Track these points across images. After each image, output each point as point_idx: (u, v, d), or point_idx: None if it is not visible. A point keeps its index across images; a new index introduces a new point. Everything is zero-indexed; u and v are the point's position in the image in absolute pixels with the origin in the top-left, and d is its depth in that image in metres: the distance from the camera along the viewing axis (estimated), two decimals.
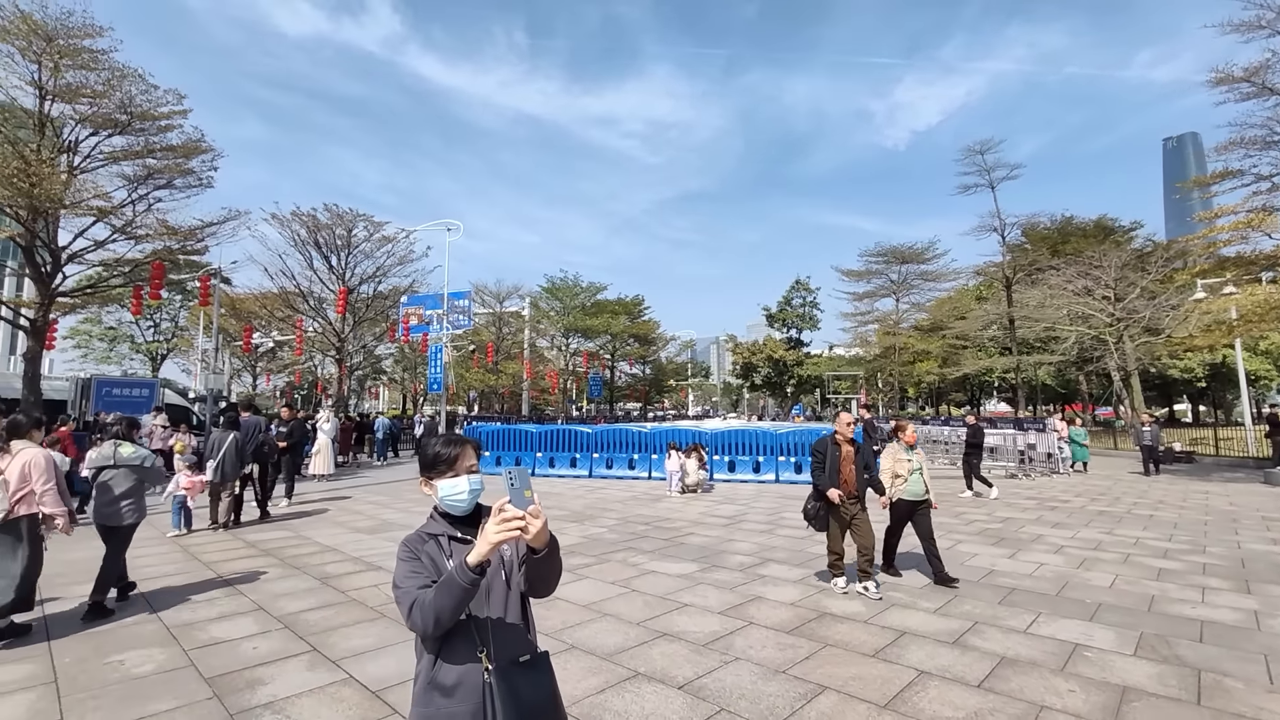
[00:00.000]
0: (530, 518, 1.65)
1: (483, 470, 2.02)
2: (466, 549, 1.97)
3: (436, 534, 1.95)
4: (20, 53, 14.06)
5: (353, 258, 22.98)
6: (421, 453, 2.06)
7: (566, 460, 16.57)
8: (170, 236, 15.43)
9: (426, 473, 2.01)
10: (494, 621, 1.88)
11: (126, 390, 15.47)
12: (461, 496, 1.98)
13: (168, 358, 38.75)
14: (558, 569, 1.85)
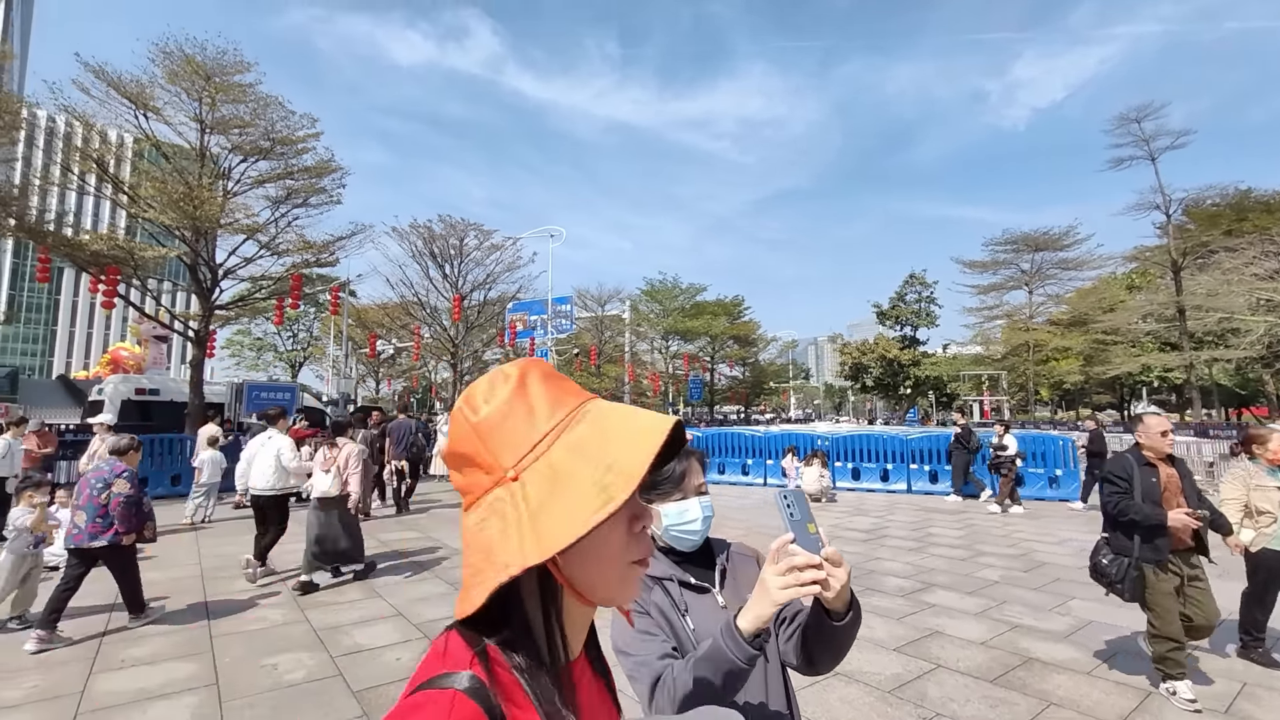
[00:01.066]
0: (831, 566, 1.08)
1: None
2: (706, 602, 1.45)
3: (661, 577, 1.45)
4: (186, 92, 15.65)
5: (465, 266, 23.96)
6: None
7: None
8: (307, 250, 16.65)
9: (644, 494, 1.52)
10: (753, 709, 1.34)
11: (271, 394, 16.81)
12: (694, 526, 1.47)
13: (304, 364, 42.62)
14: (853, 637, 1.28)
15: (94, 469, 5.16)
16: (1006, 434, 11.50)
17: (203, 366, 16.17)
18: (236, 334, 39.95)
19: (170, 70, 15.26)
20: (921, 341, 49.42)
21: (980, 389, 43.84)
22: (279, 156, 17.10)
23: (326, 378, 36.80)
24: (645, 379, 37.04)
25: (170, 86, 15.48)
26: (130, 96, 14.62)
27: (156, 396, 16.75)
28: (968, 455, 12.20)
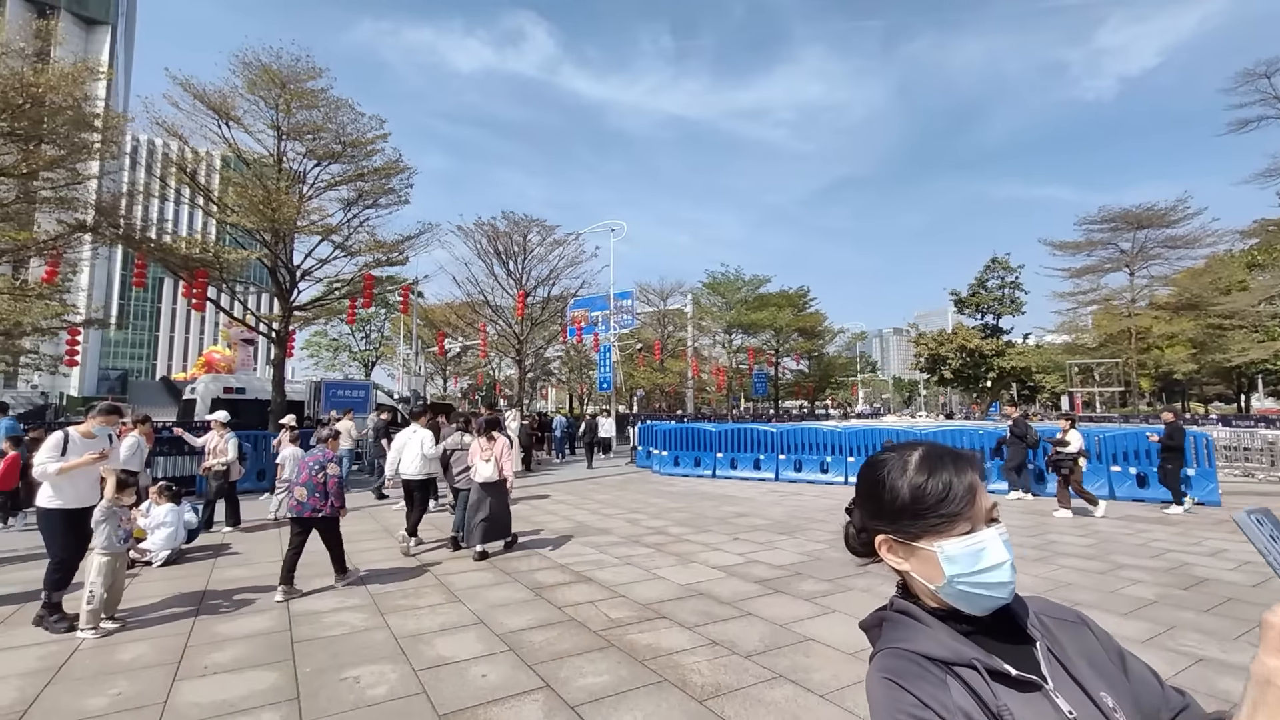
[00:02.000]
0: None
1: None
2: (1037, 706, 0.88)
3: (952, 662, 0.89)
4: (263, 100, 16.13)
5: (528, 262, 24.00)
6: (883, 491, 1.00)
7: (749, 461, 15.38)
8: (378, 249, 16.96)
9: (904, 525, 0.97)
10: None
11: (347, 391, 17.24)
12: (999, 576, 0.92)
13: (376, 364, 44.27)
14: None
15: (310, 454, 6.20)
16: (1071, 430, 10.26)
17: (283, 366, 16.71)
18: (314, 335, 41.92)
19: (249, 80, 15.75)
20: (1005, 330, 46.15)
21: (1072, 380, 40.49)
22: (350, 159, 17.43)
23: (397, 376, 38.00)
24: (709, 373, 36.24)
25: (249, 96, 15.99)
26: (214, 107, 15.18)
27: (243, 395, 17.47)
28: (1024, 450, 11.70)
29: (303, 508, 5.95)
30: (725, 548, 7.83)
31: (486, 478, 7.40)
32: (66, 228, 13.35)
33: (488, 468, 7.40)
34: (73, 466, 5.07)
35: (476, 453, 7.54)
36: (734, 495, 12.68)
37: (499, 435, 7.70)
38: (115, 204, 14.36)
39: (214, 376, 18.78)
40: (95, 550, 4.95)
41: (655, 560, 7.20)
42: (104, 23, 60.57)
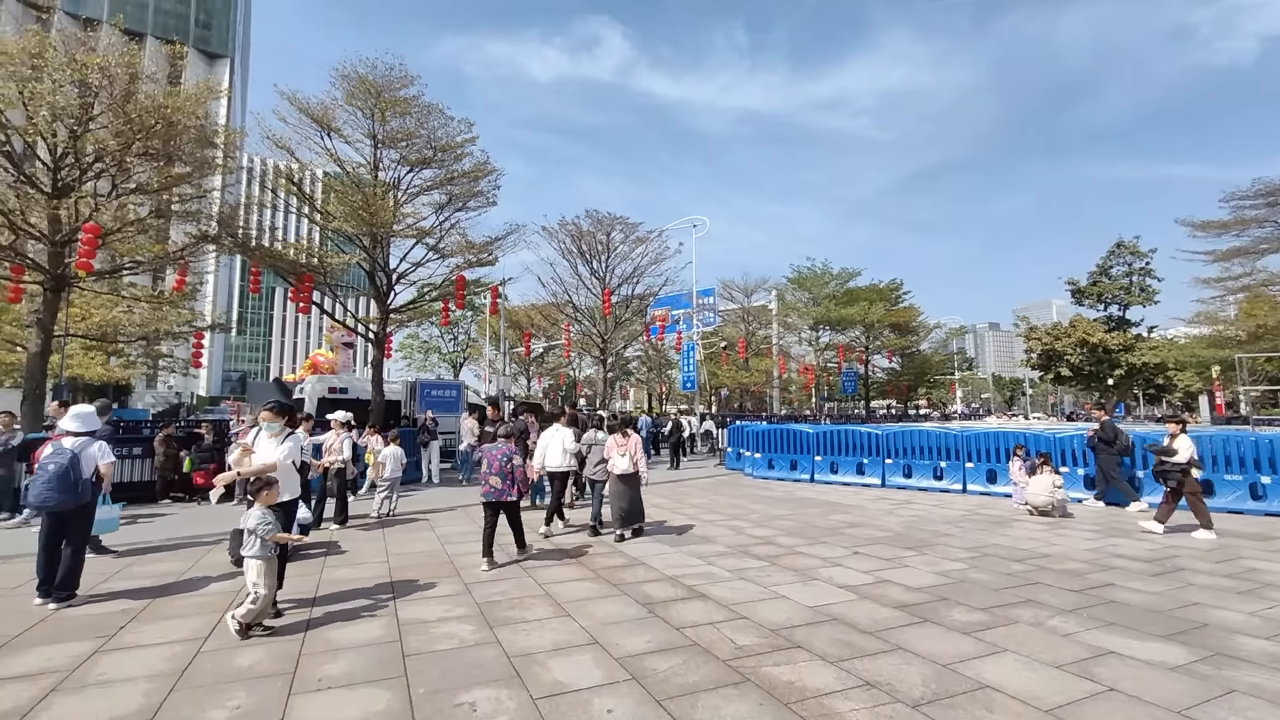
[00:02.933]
0: None
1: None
2: None
3: None
4: (361, 110, 16.74)
5: (611, 260, 23.84)
6: None
7: (851, 465, 14.34)
8: (469, 250, 17.26)
9: None
10: None
11: (440, 391, 17.65)
12: None
13: (464, 365, 45.89)
14: None
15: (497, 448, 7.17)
16: (1181, 435, 8.59)
17: (382, 366, 17.30)
18: (407, 338, 43.97)
19: (348, 91, 16.39)
20: (1133, 323, 41.27)
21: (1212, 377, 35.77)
22: (440, 164, 17.82)
23: (484, 376, 39.13)
24: (795, 372, 34.83)
25: (348, 107, 16.64)
26: (317, 119, 15.89)
27: (345, 395, 18.25)
28: (1114, 456, 10.63)
29: (498, 493, 7.04)
30: (847, 563, 7.07)
31: (624, 470, 8.33)
32: (192, 239, 14.35)
33: (624, 461, 8.32)
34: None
35: (613, 448, 8.49)
36: (839, 502, 11.77)
37: (632, 433, 8.72)
38: (233, 215, 15.30)
39: (320, 377, 19.79)
40: (251, 555, 4.87)
41: (771, 575, 6.56)
42: (224, 56, 66.50)
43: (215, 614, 5.31)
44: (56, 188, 11.57)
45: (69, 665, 4.26)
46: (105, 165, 12.26)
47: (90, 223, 10.87)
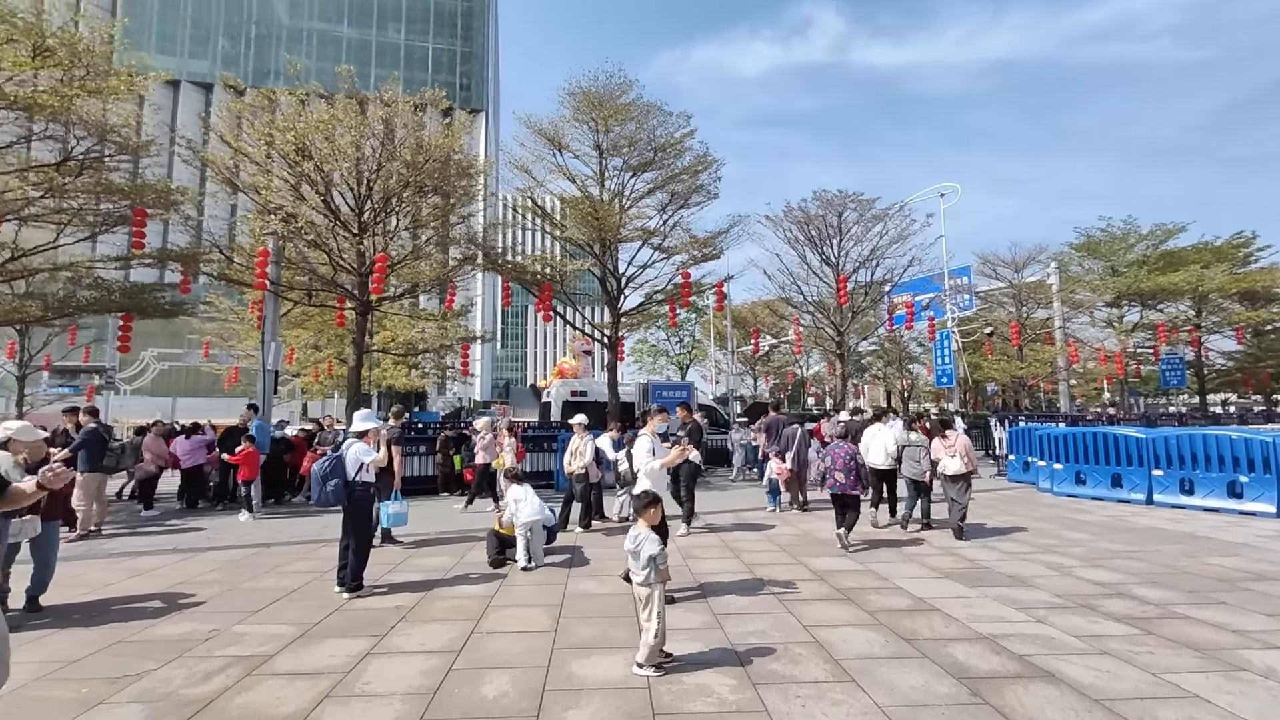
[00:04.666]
0: None
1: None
2: None
3: None
4: (586, 124, 17.38)
5: (845, 243, 21.48)
6: None
7: (1217, 485, 10.33)
8: (694, 245, 16.86)
9: None
10: None
11: (671, 392, 17.49)
12: None
13: (690, 366, 46.58)
14: None
15: (840, 446, 7.85)
16: None
17: (616, 369, 17.73)
18: (638, 343, 46.15)
19: (574, 107, 17.10)
20: None
21: None
22: (660, 165, 17.69)
23: (710, 377, 39.07)
24: (1092, 361, 27.84)
25: (575, 122, 17.37)
26: (549, 138, 16.87)
27: (585, 398, 19.19)
28: None
29: (844, 487, 7.54)
30: None
31: (955, 471, 8.29)
32: (456, 261, 16.31)
33: (955, 462, 8.28)
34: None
35: (940, 448, 8.50)
36: (1210, 537, 8.38)
37: (954, 432, 8.73)
38: (485, 237, 17.01)
39: (563, 381, 21.26)
40: (642, 583, 4.18)
41: (1153, 652, 4.43)
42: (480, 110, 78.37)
43: (469, 621, 5.19)
44: (360, 228, 13.86)
45: (344, 666, 4.30)
46: (391, 205, 14.41)
47: (380, 253, 12.81)
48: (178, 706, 3.74)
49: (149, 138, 13.29)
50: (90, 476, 8.64)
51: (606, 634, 4.90)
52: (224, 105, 14.24)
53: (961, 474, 8.30)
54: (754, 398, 41.11)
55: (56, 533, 5.78)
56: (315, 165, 12.75)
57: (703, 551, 7.79)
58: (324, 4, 64.05)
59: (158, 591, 6.17)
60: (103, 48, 12.30)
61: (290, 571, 6.92)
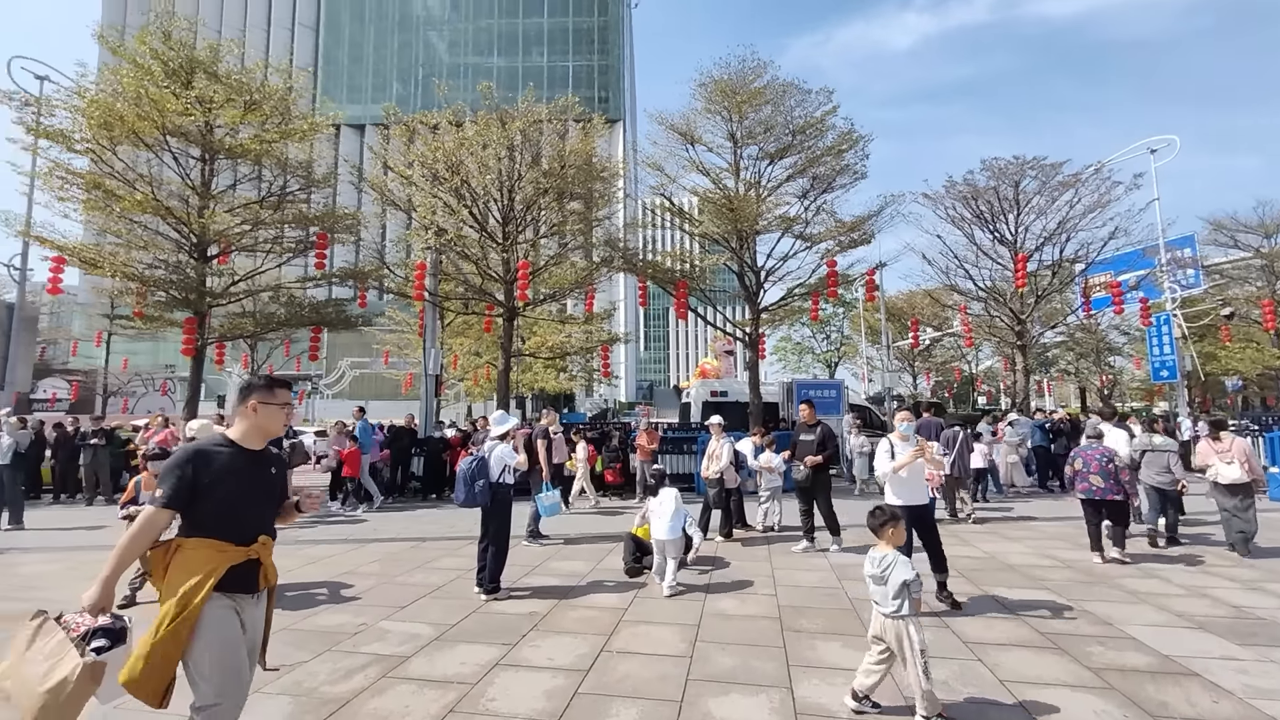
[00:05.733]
0: None
1: None
2: None
3: None
4: (719, 115, 16.74)
5: (1024, 217, 18.51)
6: None
7: None
8: (840, 231, 15.47)
9: None
10: None
11: (819, 391, 16.20)
12: None
13: (839, 364, 43.71)
14: None
15: (1093, 448, 7.15)
16: None
17: (758, 368, 16.85)
18: (780, 340, 44.34)
19: (706, 98, 16.54)
20: None
21: None
22: (800, 148, 16.53)
23: (862, 375, 36.30)
24: None
25: (707, 114, 16.81)
26: (681, 132, 16.47)
27: (725, 398, 18.51)
28: None
29: (1102, 492, 6.85)
30: None
31: (1233, 480, 7.30)
32: (593, 265, 16.53)
33: (1232, 469, 7.28)
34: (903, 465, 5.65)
35: (1210, 454, 7.54)
36: None
37: (1228, 434, 7.67)
38: (624, 235, 17.06)
39: (703, 381, 20.74)
40: (894, 615, 3.47)
41: None
42: (618, 120, 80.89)
43: (599, 636, 4.86)
44: (504, 236, 14.52)
45: (473, 676, 4.15)
46: (532, 214, 14.96)
47: (523, 260, 13.31)
48: (317, 705, 3.78)
49: (328, 170, 15.11)
50: None
51: (749, 666, 4.28)
52: (390, 133, 15.74)
53: (1241, 483, 7.25)
54: (913, 396, 37.53)
55: None
56: (463, 180, 13.57)
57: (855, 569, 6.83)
58: (477, 39, 70.06)
59: (325, 580, 6.63)
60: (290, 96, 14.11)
61: (438, 568, 7.15)
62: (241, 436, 2.70)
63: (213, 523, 2.53)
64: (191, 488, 2.48)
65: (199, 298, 13.28)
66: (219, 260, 14.62)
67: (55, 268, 12.73)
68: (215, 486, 2.52)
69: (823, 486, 7.89)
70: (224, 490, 2.55)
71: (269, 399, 2.72)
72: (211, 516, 2.53)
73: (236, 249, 14.85)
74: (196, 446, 2.59)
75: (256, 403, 2.70)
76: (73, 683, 2.19)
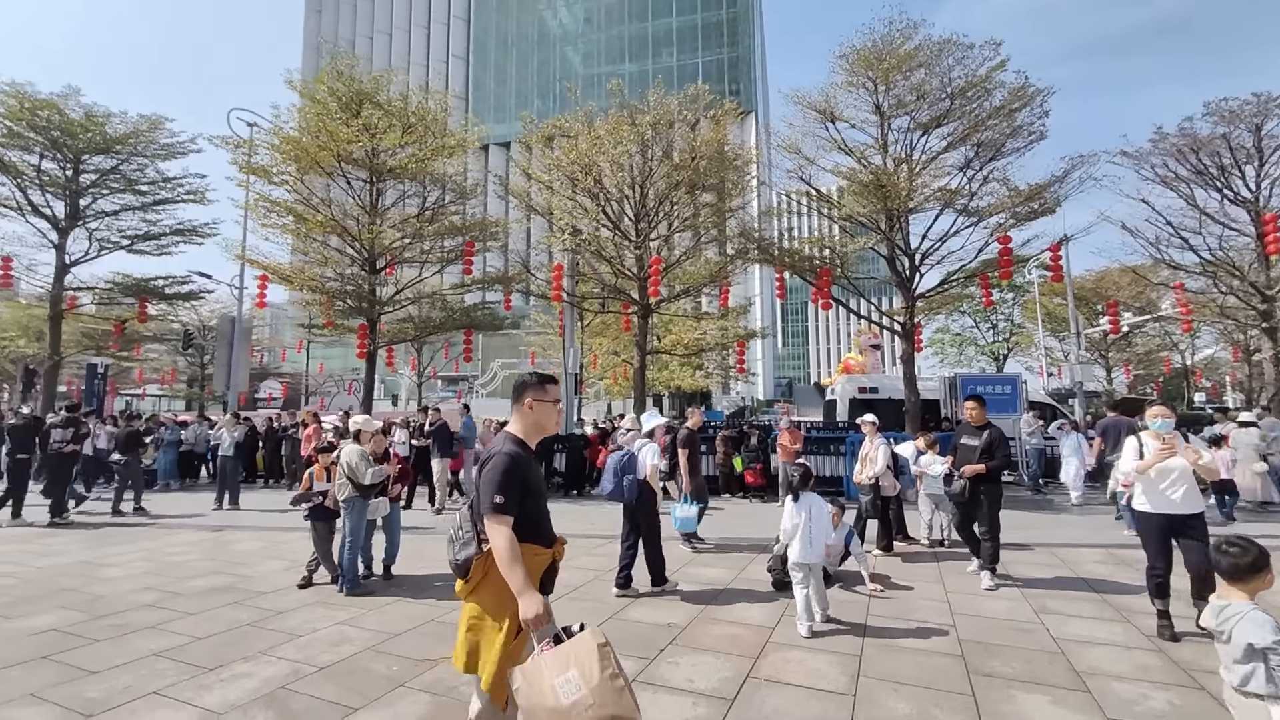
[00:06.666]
0: None
1: None
2: None
3: None
4: (864, 86, 15.33)
5: (1267, 168, 14.75)
6: None
7: None
8: (1016, 201, 13.37)
9: None
10: None
11: (989, 387, 14.19)
12: None
13: (1009, 357, 38.69)
14: None
15: None
16: None
17: (913, 361, 15.19)
18: (936, 332, 40.30)
19: (847, 70, 15.23)
20: None
21: None
22: (961, 114, 14.62)
23: (1039, 368, 31.77)
24: None
25: (849, 88, 15.47)
26: (820, 110, 15.30)
27: (876, 395, 16.97)
28: None
29: None
30: None
31: None
32: (726, 257, 15.94)
33: None
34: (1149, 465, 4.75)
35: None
36: None
37: None
38: (760, 224, 16.28)
39: (849, 377, 19.22)
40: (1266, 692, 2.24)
41: None
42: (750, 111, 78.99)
43: (744, 659, 4.36)
44: (637, 233, 14.46)
45: None
46: (664, 209, 14.74)
47: (655, 256, 13.13)
48: (451, 706, 3.71)
49: (474, 183, 16.12)
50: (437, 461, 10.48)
51: (927, 715, 3.55)
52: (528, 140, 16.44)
53: None
54: (1108, 392, 32.21)
55: (399, 511, 6.77)
56: (595, 180, 13.71)
57: (1055, 600, 5.61)
58: (609, 48, 72.14)
59: None
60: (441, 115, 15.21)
61: (575, 567, 7.05)
62: (523, 433, 2.70)
63: (529, 526, 2.51)
64: (522, 492, 2.49)
65: (370, 306, 14.80)
66: (386, 271, 16.18)
67: (261, 284, 14.95)
68: (530, 488, 2.54)
69: (989, 500, 6.40)
70: (534, 491, 2.57)
71: (543, 396, 2.70)
72: (528, 520, 2.52)
73: (400, 261, 16.35)
74: (513, 450, 2.55)
75: (532, 400, 2.69)
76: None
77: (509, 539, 2.37)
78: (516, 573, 2.33)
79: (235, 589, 6.11)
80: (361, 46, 68.89)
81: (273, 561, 7.22)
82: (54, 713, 3.61)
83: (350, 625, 5.07)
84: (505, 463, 2.48)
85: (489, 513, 2.42)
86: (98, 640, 4.73)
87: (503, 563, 2.35)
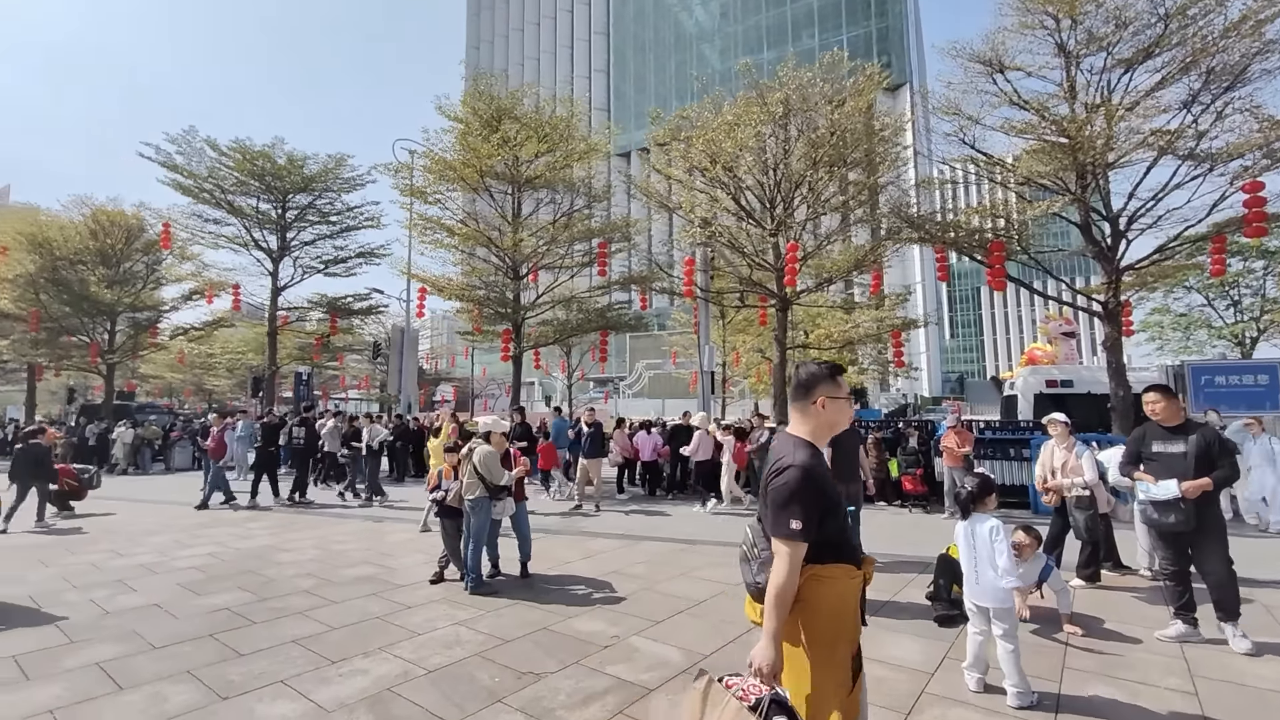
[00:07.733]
0: None
1: None
2: None
3: None
4: (1043, 22, 12.98)
5: None
6: None
7: None
8: (1271, 134, 10.31)
9: None
10: None
11: (1234, 376, 11.18)
12: None
13: (1259, 340, 30.93)
14: None
15: None
16: None
17: (1120, 348, 12.50)
18: (1152, 313, 33.50)
19: (1022, 7, 12.98)
20: None
21: None
22: (1179, 40, 11.80)
23: None
24: None
25: (1023, 31, 13.20)
26: (985, 61, 13.20)
27: (1069, 389, 14.34)
28: None
29: None
30: None
31: None
32: (878, 239, 14.37)
33: None
34: None
35: None
36: None
37: None
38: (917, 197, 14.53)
39: (1034, 369, 16.42)
40: None
41: None
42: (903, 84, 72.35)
43: (892, 713, 3.57)
44: (773, 224, 13.56)
45: None
46: (801, 193, 13.66)
47: (791, 243, 12.14)
48: None
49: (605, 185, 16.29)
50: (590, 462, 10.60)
51: None
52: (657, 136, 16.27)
53: None
54: None
55: (525, 510, 6.76)
56: (724, 167, 13.07)
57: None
58: (746, 39, 70.37)
59: (593, 577, 6.59)
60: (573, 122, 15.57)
61: (701, 578, 6.55)
62: (813, 436, 2.33)
63: (831, 547, 2.21)
64: (823, 508, 2.17)
65: (514, 311, 15.54)
66: (530, 278, 16.94)
67: (420, 296, 16.43)
68: (830, 503, 2.20)
69: (1212, 531, 4.59)
70: (834, 506, 2.23)
71: (836, 392, 2.34)
72: (830, 541, 2.20)
73: (541, 266, 17.02)
74: (806, 461, 2.20)
75: (825, 398, 2.33)
76: None
77: (794, 571, 2.07)
78: (780, 613, 2.06)
79: (377, 579, 6.47)
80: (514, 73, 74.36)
81: (416, 554, 7.61)
82: (198, 691, 3.90)
83: (466, 627, 5.04)
84: (799, 478, 2.12)
85: (782, 538, 2.10)
86: (254, 623, 5.17)
87: (775, 594, 2.05)
